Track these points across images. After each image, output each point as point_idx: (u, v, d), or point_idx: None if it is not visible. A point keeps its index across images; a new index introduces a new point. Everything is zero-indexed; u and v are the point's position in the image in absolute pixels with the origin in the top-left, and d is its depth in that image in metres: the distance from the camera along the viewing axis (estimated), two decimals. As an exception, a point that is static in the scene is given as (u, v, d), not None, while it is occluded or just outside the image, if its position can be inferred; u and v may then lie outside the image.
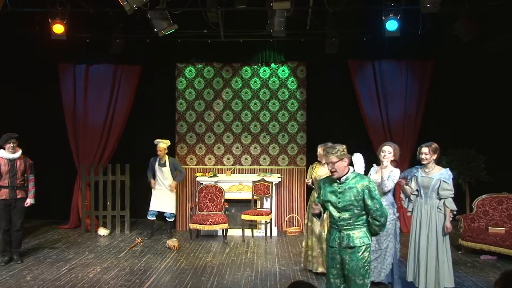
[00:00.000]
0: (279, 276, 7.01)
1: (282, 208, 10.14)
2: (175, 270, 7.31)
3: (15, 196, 7.51)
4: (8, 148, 7.43)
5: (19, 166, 7.51)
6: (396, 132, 9.81)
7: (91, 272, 7.13)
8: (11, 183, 7.46)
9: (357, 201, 4.39)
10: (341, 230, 4.47)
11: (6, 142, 7.40)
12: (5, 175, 7.42)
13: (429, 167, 5.89)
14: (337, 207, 4.46)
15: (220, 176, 9.98)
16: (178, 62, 10.29)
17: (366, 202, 4.39)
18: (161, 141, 9.34)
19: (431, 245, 5.82)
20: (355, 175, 4.52)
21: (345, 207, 4.42)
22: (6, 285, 6.59)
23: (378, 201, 4.39)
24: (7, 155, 7.44)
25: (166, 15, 7.85)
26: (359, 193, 4.39)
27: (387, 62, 9.84)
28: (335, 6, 7.96)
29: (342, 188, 4.46)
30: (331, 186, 4.55)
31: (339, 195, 4.46)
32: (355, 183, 4.43)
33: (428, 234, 5.86)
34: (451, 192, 5.77)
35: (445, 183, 5.75)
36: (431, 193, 5.86)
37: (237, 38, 9.55)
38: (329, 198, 4.52)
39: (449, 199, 5.78)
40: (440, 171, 5.84)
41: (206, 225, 8.96)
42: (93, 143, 10.14)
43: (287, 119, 10.23)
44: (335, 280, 4.56)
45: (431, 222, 5.84)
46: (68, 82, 10.18)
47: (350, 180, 4.46)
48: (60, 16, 7.99)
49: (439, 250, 5.80)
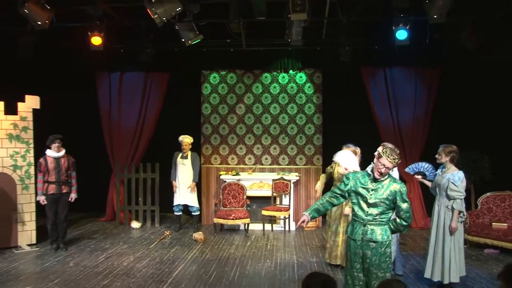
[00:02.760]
0: (297, 267, 7.05)
1: (299, 204, 10.16)
2: (201, 260, 7.39)
3: (61, 191, 7.79)
4: (53, 148, 7.72)
5: (63, 164, 7.80)
6: (406, 135, 9.77)
7: (125, 261, 7.30)
8: (57, 179, 7.75)
9: (388, 201, 4.32)
10: (366, 224, 4.38)
11: (52, 142, 7.69)
12: (52, 171, 7.71)
13: (446, 167, 5.84)
14: (367, 202, 4.36)
15: (242, 174, 10.04)
16: (203, 69, 10.37)
17: (398, 204, 4.32)
18: (186, 137, 9.42)
19: (439, 241, 5.81)
20: (389, 176, 4.42)
21: (376, 203, 4.33)
22: (53, 269, 6.85)
23: (409, 204, 4.35)
24: (53, 154, 7.73)
25: (192, 26, 7.93)
26: (391, 194, 4.31)
27: (397, 69, 9.80)
28: (348, 17, 7.94)
29: (376, 186, 4.36)
30: (364, 180, 4.44)
31: (372, 192, 4.36)
32: (389, 184, 4.35)
33: (437, 230, 5.86)
34: (458, 194, 5.68)
35: (452, 184, 5.69)
36: (442, 192, 5.84)
37: (257, 47, 9.61)
38: (360, 192, 4.41)
39: (457, 201, 5.70)
40: (452, 172, 5.77)
41: (229, 219, 9.06)
42: (126, 144, 10.31)
43: (304, 121, 10.26)
44: (358, 274, 4.46)
45: (440, 219, 5.83)
46: (104, 89, 10.37)
47: (385, 180, 4.37)
48: (98, 29, 8.14)
49: (445, 246, 5.76)
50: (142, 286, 6.13)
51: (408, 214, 4.35)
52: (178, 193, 9.51)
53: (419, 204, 9.77)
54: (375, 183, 4.38)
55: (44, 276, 6.54)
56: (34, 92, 8.38)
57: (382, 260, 4.36)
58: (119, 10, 8.12)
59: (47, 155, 7.76)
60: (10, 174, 8.01)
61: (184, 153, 9.44)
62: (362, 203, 4.40)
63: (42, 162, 7.72)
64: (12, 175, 8.04)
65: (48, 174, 7.72)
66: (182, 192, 9.48)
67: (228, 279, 6.44)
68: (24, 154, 8.17)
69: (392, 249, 6.13)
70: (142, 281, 6.34)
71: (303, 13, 6.76)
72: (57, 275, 6.58)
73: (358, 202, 4.44)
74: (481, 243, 7.86)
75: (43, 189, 7.73)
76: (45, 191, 7.72)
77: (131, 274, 6.63)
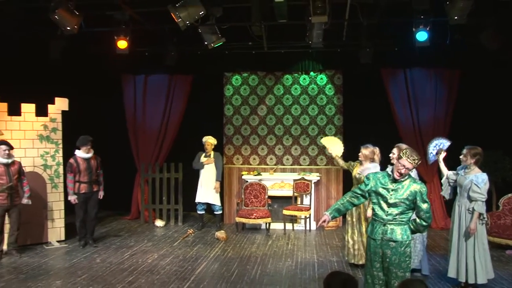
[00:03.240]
0: (317, 266, 7.06)
1: (320, 204, 10.15)
2: (223, 259, 7.46)
3: (92, 190, 8.02)
4: (84, 150, 7.90)
5: (93, 164, 7.99)
6: (426, 135, 9.65)
7: (150, 258, 7.42)
8: (89, 178, 7.95)
9: (409, 201, 4.33)
10: (386, 224, 4.39)
11: (85, 145, 7.89)
12: (84, 172, 7.90)
13: (470, 168, 5.79)
14: (387, 202, 4.38)
15: (263, 174, 10.08)
16: (226, 71, 10.44)
17: (418, 204, 4.32)
18: (210, 138, 9.53)
19: (462, 242, 5.76)
20: (409, 176, 4.44)
21: (396, 203, 4.35)
22: (80, 265, 7.04)
23: (429, 204, 4.35)
24: (83, 155, 7.91)
25: (215, 29, 7.97)
26: (412, 194, 4.32)
27: (418, 70, 9.72)
28: (369, 19, 7.93)
29: (396, 186, 4.37)
30: (384, 181, 4.46)
31: (392, 192, 4.37)
32: (409, 184, 4.36)
33: (459, 230, 5.81)
34: (481, 196, 5.62)
35: (475, 186, 5.62)
36: (463, 193, 5.80)
37: (279, 49, 9.65)
38: (381, 192, 4.43)
39: (478, 203, 5.63)
40: (476, 173, 5.71)
41: (251, 219, 9.12)
42: (150, 144, 10.44)
43: (325, 122, 10.25)
44: (378, 273, 4.48)
45: (461, 220, 5.79)
46: (129, 91, 10.54)
47: (405, 181, 4.39)
48: (123, 33, 8.31)
49: (468, 248, 5.72)
50: (166, 283, 6.23)
51: (428, 215, 4.35)
52: (200, 191, 9.58)
53: (439, 205, 9.67)
54: (395, 183, 4.40)
55: (73, 271, 6.72)
56: (63, 94, 8.59)
57: (402, 259, 4.37)
58: (144, 15, 8.28)
59: (78, 156, 7.95)
60: (40, 173, 8.26)
61: (207, 153, 9.54)
62: (382, 203, 4.43)
63: (73, 163, 7.91)
64: (43, 174, 8.29)
65: (79, 174, 7.91)
66: (204, 190, 9.54)
67: (250, 277, 6.50)
68: (53, 154, 8.40)
69: (418, 248, 6.15)
70: (165, 278, 6.45)
71: (324, 16, 6.76)
72: (84, 270, 6.75)
73: (379, 202, 4.46)
74: (503, 244, 7.74)
75: (74, 189, 7.92)
76: (77, 190, 7.92)
77: (155, 271, 6.75)
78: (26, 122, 8.19)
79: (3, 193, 7.21)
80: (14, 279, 6.37)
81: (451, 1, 6.63)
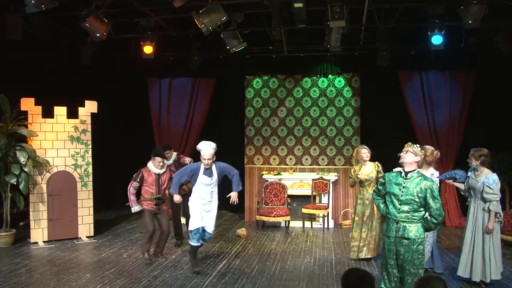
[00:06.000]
0: (335, 263, 7.03)
1: (338, 203, 10.11)
2: (244, 255, 7.47)
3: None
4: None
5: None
6: (442, 136, 9.59)
7: (173, 254, 7.49)
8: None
9: (419, 198, 4.34)
10: (399, 221, 4.41)
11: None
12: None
13: (479, 170, 5.73)
14: (399, 199, 4.42)
15: (283, 174, 10.09)
16: (247, 74, 10.48)
17: (428, 201, 4.33)
18: None
19: (478, 241, 5.70)
20: (420, 174, 4.46)
21: (407, 200, 4.37)
22: (108, 260, 7.15)
23: (439, 202, 4.33)
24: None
25: (236, 34, 8.07)
26: (422, 191, 4.33)
27: (433, 73, 9.63)
28: (385, 23, 7.93)
29: (407, 183, 4.41)
30: (397, 179, 4.51)
31: (403, 189, 4.41)
32: (419, 181, 4.38)
33: (474, 230, 5.75)
34: (494, 196, 5.58)
35: (488, 187, 5.59)
36: (477, 195, 5.74)
37: (298, 53, 9.70)
38: (393, 190, 4.47)
39: (493, 203, 5.59)
40: (486, 175, 5.65)
41: (271, 217, 9.12)
42: (175, 145, 10.28)
43: (343, 124, 10.20)
44: (393, 270, 4.50)
45: (478, 221, 5.72)
46: (155, 94, 10.69)
47: (415, 178, 4.42)
48: (149, 39, 8.45)
49: (485, 246, 5.66)
50: (189, 278, 6.28)
51: (438, 212, 4.33)
52: None
53: (454, 203, 9.55)
54: (406, 180, 4.45)
55: (101, 265, 6.83)
56: (93, 97, 8.74)
57: (415, 256, 4.37)
58: (169, 21, 8.39)
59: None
60: (71, 173, 8.41)
61: None
62: (395, 201, 4.47)
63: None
64: (73, 173, 8.43)
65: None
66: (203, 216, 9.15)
67: (269, 273, 6.50)
68: (83, 154, 8.54)
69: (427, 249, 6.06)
70: (189, 273, 6.49)
71: (342, 21, 6.79)
72: (112, 265, 6.85)
73: (392, 200, 4.51)
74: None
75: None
76: None
77: (178, 267, 6.81)
78: (58, 124, 8.35)
79: (151, 201, 6.94)
80: (47, 271, 6.52)
81: (465, 6, 6.56)
